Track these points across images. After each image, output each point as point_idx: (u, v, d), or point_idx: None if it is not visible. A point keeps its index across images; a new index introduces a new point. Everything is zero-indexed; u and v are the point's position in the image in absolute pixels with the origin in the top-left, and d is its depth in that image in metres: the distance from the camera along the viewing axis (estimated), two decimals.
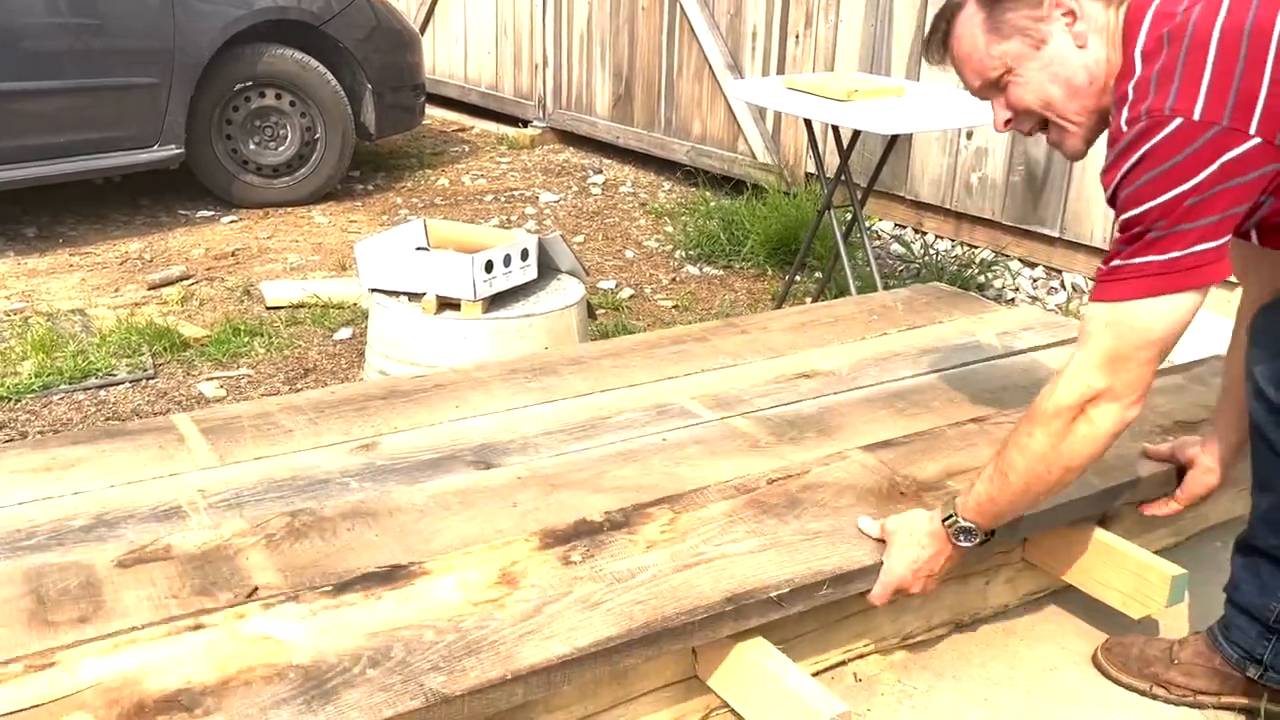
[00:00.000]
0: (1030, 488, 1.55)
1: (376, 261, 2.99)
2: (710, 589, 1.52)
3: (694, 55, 5.18)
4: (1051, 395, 1.50)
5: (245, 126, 4.87)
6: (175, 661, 1.31)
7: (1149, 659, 1.80)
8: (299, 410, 2.08)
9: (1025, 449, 1.53)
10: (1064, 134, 1.55)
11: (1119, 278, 1.42)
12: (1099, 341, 1.45)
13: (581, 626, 1.42)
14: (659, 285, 4.15)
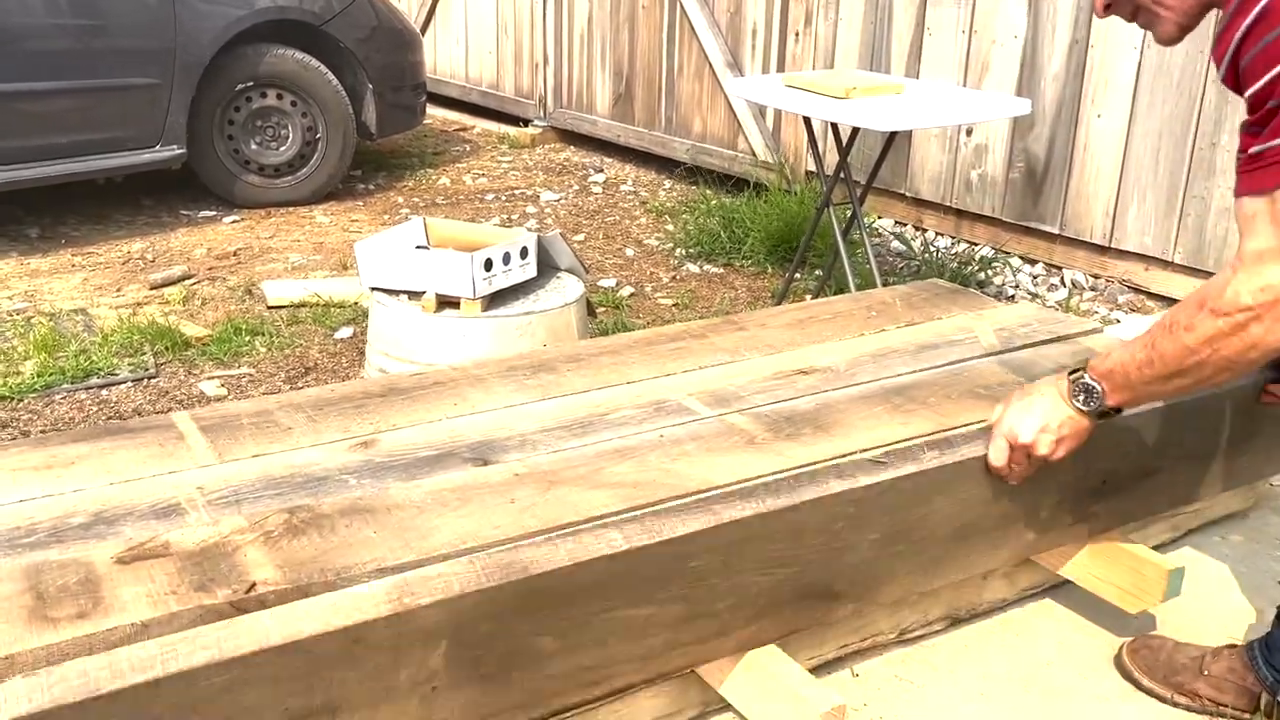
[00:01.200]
0: (1173, 379, 1.45)
1: (376, 260, 3.00)
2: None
3: (694, 53, 5.19)
4: (1222, 292, 1.37)
5: (247, 126, 4.89)
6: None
7: (1177, 667, 1.78)
8: (298, 408, 2.08)
9: (1181, 342, 1.42)
10: (1154, 19, 1.50)
11: (1264, 164, 1.32)
12: (1266, 233, 1.33)
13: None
14: (659, 283, 4.15)
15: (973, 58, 4.03)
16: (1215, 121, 3.38)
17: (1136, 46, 3.54)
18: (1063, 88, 3.79)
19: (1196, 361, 1.41)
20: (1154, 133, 3.54)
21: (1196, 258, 3.50)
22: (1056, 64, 3.80)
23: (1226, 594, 2.04)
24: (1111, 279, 3.84)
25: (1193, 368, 1.42)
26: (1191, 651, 1.80)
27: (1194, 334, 1.40)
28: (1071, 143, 3.80)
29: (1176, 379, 1.45)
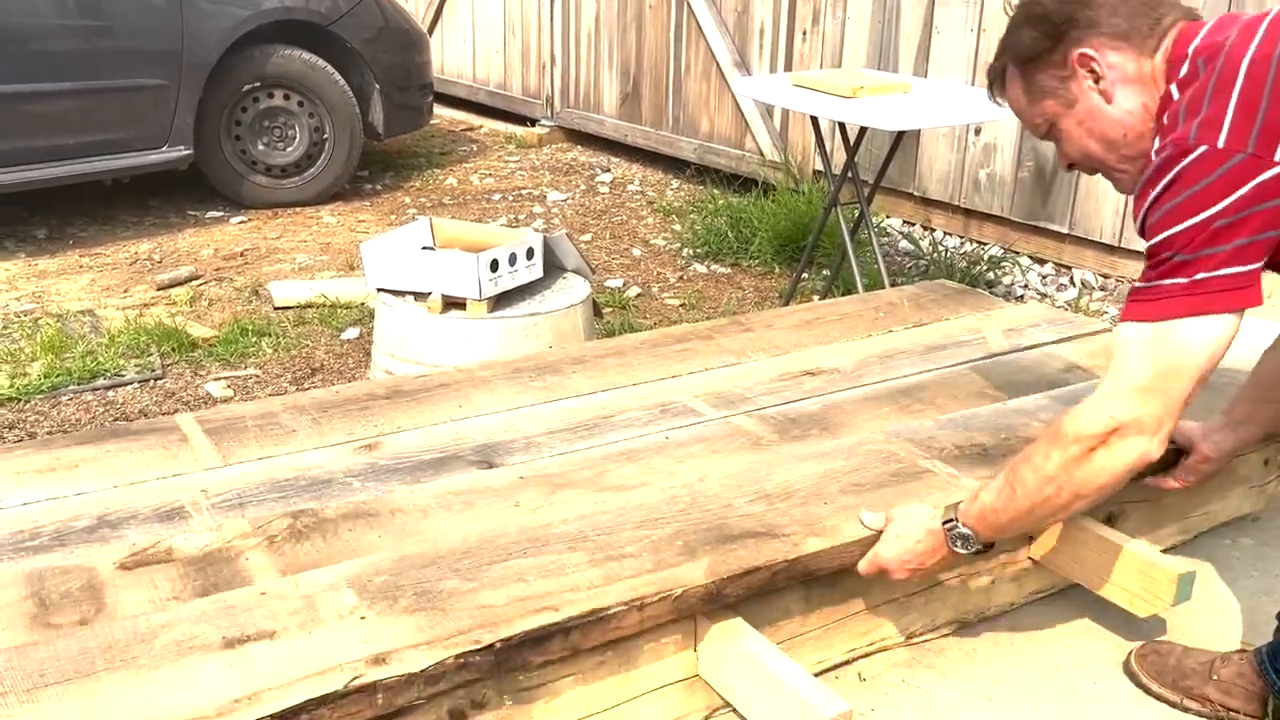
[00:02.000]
0: (1035, 509, 1.53)
1: (382, 261, 3.00)
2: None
3: (701, 53, 5.18)
4: (1075, 419, 1.46)
5: (254, 127, 4.89)
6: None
7: (1186, 671, 1.77)
8: (303, 410, 2.08)
9: (1039, 469, 1.49)
10: (1114, 178, 1.60)
11: (1148, 298, 1.41)
12: (1130, 366, 1.42)
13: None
14: (666, 284, 4.14)
15: (981, 57, 4.01)
16: None
17: None
18: None
19: (1054, 489, 1.48)
20: None
21: None
22: None
23: (1237, 598, 2.02)
24: (1121, 279, 3.82)
25: (1051, 497, 1.49)
26: (1201, 656, 1.78)
27: (1050, 461, 1.47)
28: None
29: (1038, 509, 1.52)
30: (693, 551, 1.58)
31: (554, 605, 1.45)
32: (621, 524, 1.65)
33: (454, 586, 1.48)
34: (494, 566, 1.53)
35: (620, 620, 1.47)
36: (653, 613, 1.49)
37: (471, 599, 1.46)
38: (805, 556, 1.60)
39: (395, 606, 1.44)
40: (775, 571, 1.57)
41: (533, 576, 1.51)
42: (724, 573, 1.53)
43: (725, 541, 1.61)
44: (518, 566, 1.53)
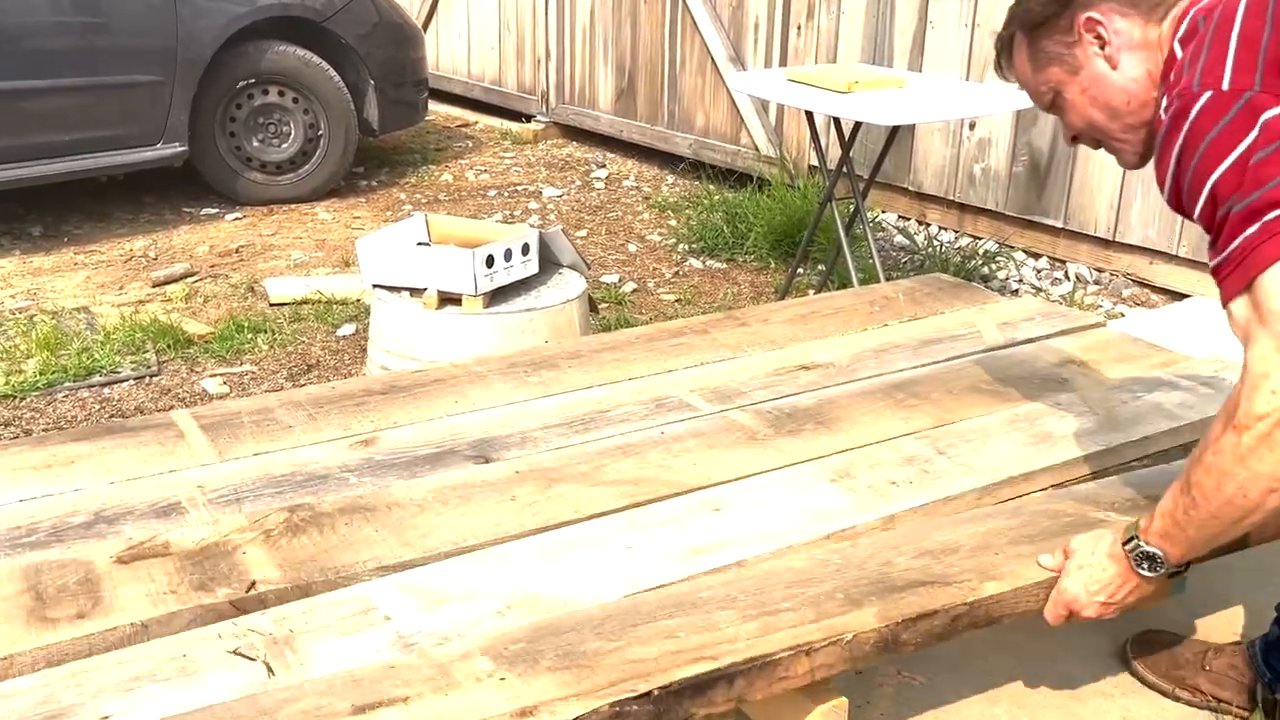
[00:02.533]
0: (1222, 513, 1.34)
1: (378, 257, 3.00)
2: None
3: (696, 48, 5.18)
4: (1239, 406, 1.30)
5: (249, 124, 4.88)
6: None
7: (1180, 662, 1.78)
8: (299, 406, 2.08)
9: (1214, 469, 1.33)
10: (1116, 149, 1.56)
11: (1231, 268, 1.30)
12: (1260, 335, 1.27)
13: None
14: (662, 279, 4.14)
15: (976, 51, 4.01)
16: None
17: None
18: None
19: (1238, 487, 1.31)
20: None
21: (1200, 251, 3.48)
22: None
23: (1231, 590, 2.03)
24: (1116, 272, 3.82)
25: (1235, 496, 1.32)
26: (1195, 647, 1.79)
27: (1223, 457, 1.31)
28: None
29: (1226, 513, 1.34)
30: (857, 603, 1.48)
31: (712, 655, 1.37)
32: (772, 584, 1.54)
33: (599, 647, 1.39)
34: (640, 628, 1.43)
35: (788, 667, 1.38)
36: (823, 660, 1.39)
37: (620, 655, 1.37)
38: (985, 600, 1.50)
39: (537, 667, 1.34)
40: (955, 616, 1.48)
41: (684, 633, 1.41)
42: (897, 618, 1.44)
43: (892, 592, 1.51)
44: (667, 626, 1.43)
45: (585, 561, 1.61)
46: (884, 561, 1.60)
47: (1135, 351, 2.50)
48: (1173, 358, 2.47)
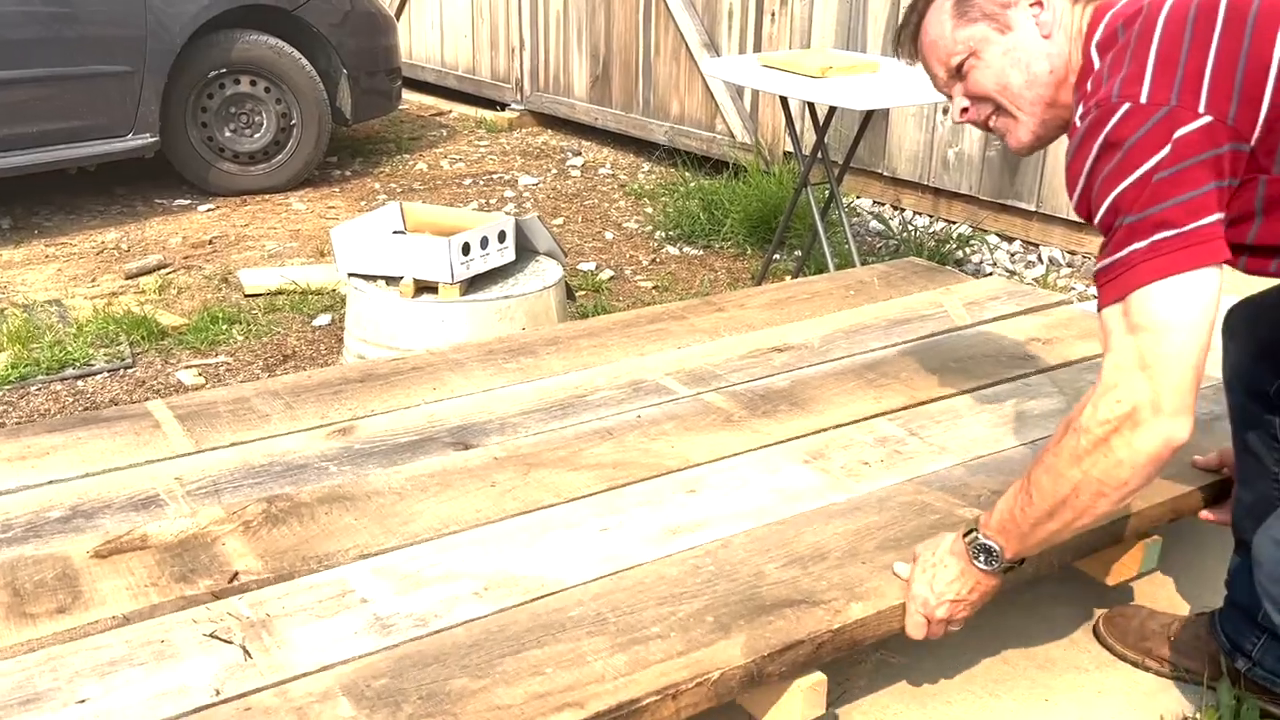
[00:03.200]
0: (1056, 512, 1.38)
1: (353, 246, 2.99)
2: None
3: (671, 35, 5.17)
4: (1084, 410, 1.34)
5: (220, 114, 4.84)
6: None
7: (1147, 633, 1.81)
8: (275, 395, 2.08)
9: (1053, 469, 1.37)
10: (1012, 123, 1.53)
11: (1113, 276, 1.32)
12: (1120, 347, 1.30)
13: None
14: (639, 266, 4.15)
15: None
16: None
17: None
18: None
19: (1072, 488, 1.35)
20: None
21: None
22: None
23: (1203, 564, 2.06)
24: (1088, 255, 3.86)
25: (1069, 497, 1.36)
26: (1162, 619, 1.83)
27: (1061, 458, 1.35)
28: None
29: (1060, 513, 1.38)
30: (725, 629, 1.43)
31: (578, 701, 1.29)
32: (644, 601, 1.49)
33: (464, 686, 1.31)
34: (507, 660, 1.36)
35: (654, 712, 1.31)
36: (689, 701, 1.34)
37: (485, 698, 1.29)
38: (850, 625, 1.47)
39: (399, 714, 1.26)
40: (819, 644, 1.44)
41: (551, 668, 1.35)
42: (764, 649, 1.39)
43: (760, 614, 1.46)
44: (534, 659, 1.36)
45: (562, 543, 1.62)
46: (755, 571, 1.55)
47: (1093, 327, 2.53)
48: None
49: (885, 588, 1.53)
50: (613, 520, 1.69)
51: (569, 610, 1.47)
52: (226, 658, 1.34)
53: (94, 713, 1.25)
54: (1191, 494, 1.83)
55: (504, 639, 1.40)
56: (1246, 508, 1.69)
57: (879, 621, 1.49)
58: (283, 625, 1.41)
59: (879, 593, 1.51)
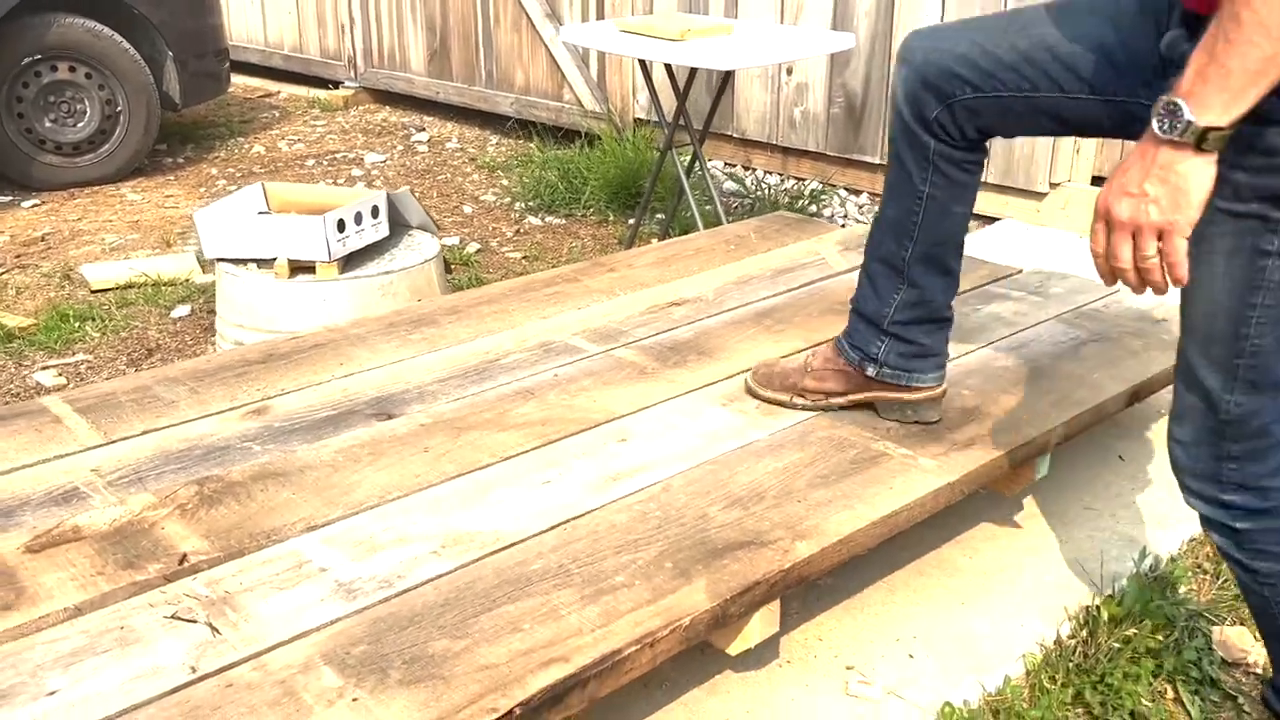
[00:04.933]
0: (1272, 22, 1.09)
1: (219, 229, 2.89)
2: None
3: (510, 5, 5.15)
4: None
5: (38, 103, 4.55)
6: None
7: (788, 373, 1.98)
8: (176, 381, 2.01)
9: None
10: None
11: None
12: None
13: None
14: (504, 238, 4.15)
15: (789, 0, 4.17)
16: None
17: None
18: (874, 24, 3.99)
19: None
20: None
21: (1007, 177, 3.78)
22: (868, 2, 3.98)
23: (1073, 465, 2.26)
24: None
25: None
26: (797, 360, 2.00)
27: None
28: (886, 76, 4.01)
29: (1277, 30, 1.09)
30: (685, 574, 1.48)
31: (562, 655, 1.31)
32: (601, 551, 1.52)
33: (446, 647, 1.32)
34: (482, 618, 1.37)
35: (634, 660, 1.35)
36: (664, 648, 1.38)
37: (470, 659, 1.30)
38: (799, 564, 1.52)
39: (388, 680, 1.26)
40: (773, 584, 1.50)
41: (529, 623, 1.37)
42: (726, 593, 1.44)
43: (715, 558, 1.51)
44: (509, 615, 1.38)
45: (508, 499, 1.65)
46: (699, 514, 1.62)
47: (967, 267, 2.71)
48: (999, 270, 2.69)
49: (824, 525, 1.61)
50: (552, 473, 1.73)
51: (531, 564, 1.50)
52: (194, 636, 1.32)
53: (66, 703, 1.21)
54: (1080, 416, 1.98)
55: (474, 596, 1.42)
56: (889, 222, 1.80)
57: (823, 558, 1.56)
58: (245, 600, 1.39)
59: (820, 530, 1.59)
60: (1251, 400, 1.35)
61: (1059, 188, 3.72)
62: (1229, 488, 1.41)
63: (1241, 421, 1.37)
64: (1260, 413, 1.36)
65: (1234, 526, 1.42)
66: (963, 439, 1.86)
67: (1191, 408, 1.41)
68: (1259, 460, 1.38)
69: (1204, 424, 1.40)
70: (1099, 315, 2.40)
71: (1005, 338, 2.29)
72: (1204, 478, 1.42)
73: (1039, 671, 1.71)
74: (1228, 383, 1.36)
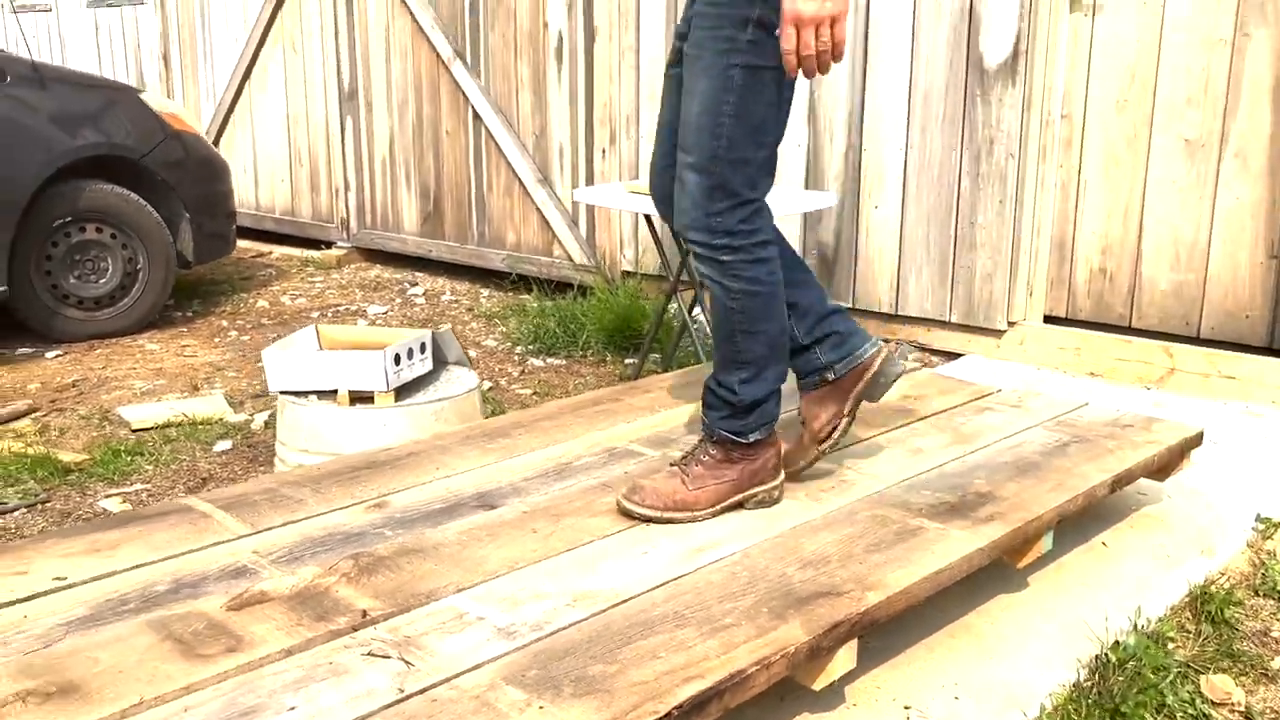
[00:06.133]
0: None
1: (284, 365, 3.19)
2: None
3: (503, 172, 5.64)
4: None
5: (65, 261, 4.86)
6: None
7: (793, 453, 2.38)
8: (298, 484, 2.29)
9: None
10: None
11: None
12: None
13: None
14: (511, 377, 4.49)
15: None
16: (972, 205, 4.16)
17: (901, 149, 4.31)
18: (843, 185, 4.51)
19: None
20: (923, 218, 4.29)
21: (969, 317, 4.25)
22: (836, 166, 4.52)
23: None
24: (900, 340, 4.53)
25: None
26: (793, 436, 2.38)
27: None
28: (855, 231, 4.51)
29: None
30: (781, 616, 1.77)
31: (699, 674, 1.59)
32: (706, 601, 1.82)
33: (602, 670, 1.60)
34: (624, 650, 1.66)
35: (755, 679, 1.63)
36: (776, 670, 1.67)
37: (624, 678, 1.57)
38: (872, 609, 1.83)
39: (563, 694, 1.53)
40: (853, 624, 1.79)
41: (664, 653, 1.65)
42: (818, 629, 1.74)
43: (803, 604, 1.81)
44: (645, 647, 1.67)
45: (616, 567, 1.95)
46: (780, 574, 1.92)
47: (951, 387, 3.12)
48: (982, 390, 3.10)
49: (886, 579, 1.94)
50: (646, 547, 2.03)
51: (650, 612, 1.79)
52: (392, 668, 1.58)
53: (306, 715, 1.46)
54: (1075, 499, 2.35)
55: (611, 634, 1.71)
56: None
57: (889, 605, 1.89)
58: (425, 641, 1.66)
59: (883, 584, 1.92)
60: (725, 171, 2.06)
61: (1015, 326, 4.20)
62: (718, 234, 2.10)
63: (721, 187, 2.07)
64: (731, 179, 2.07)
65: (719, 260, 2.12)
66: (983, 516, 2.21)
67: (691, 183, 2.09)
68: (732, 215, 2.09)
69: (698, 192, 2.08)
70: (1074, 423, 2.80)
71: (1000, 440, 2.67)
72: (699, 229, 2.11)
73: (1065, 705, 2.02)
74: (713, 159, 2.06)
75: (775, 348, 2.23)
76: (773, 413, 2.26)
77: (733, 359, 2.21)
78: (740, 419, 2.21)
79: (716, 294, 2.18)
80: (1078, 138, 4.05)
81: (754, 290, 2.15)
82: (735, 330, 2.18)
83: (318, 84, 6.51)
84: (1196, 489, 2.97)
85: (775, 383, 2.25)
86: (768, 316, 2.19)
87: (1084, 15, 3.95)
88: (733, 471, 2.19)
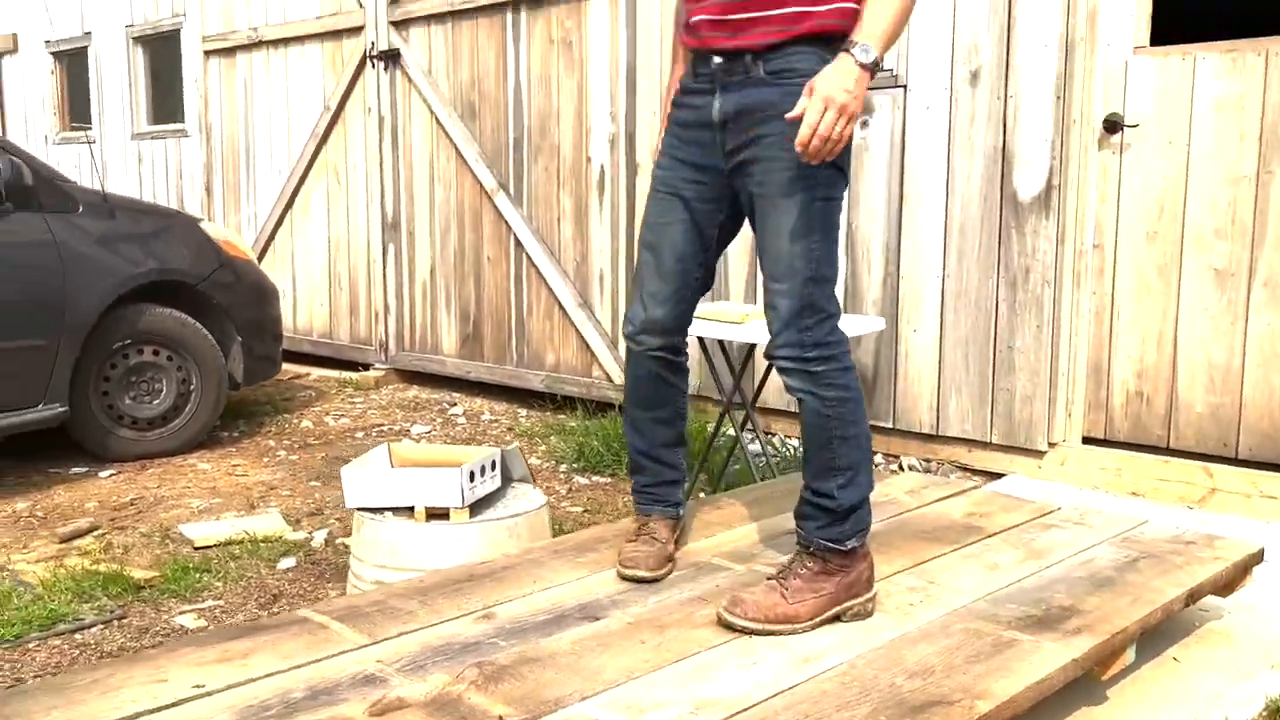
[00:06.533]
0: (908, 10, 2.16)
1: (361, 481, 3.29)
2: None
3: (544, 296, 5.83)
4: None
5: (122, 382, 4.99)
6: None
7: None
8: (404, 596, 2.37)
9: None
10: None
11: None
12: None
13: None
14: (560, 495, 4.57)
15: None
16: (1010, 330, 4.32)
17: (939, 276, 4.49)
18: (881, 309, 4.69)
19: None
20: (962, 341, 4.45)
21: (1010, 437, 4.37)
22: (875, 292, 4.70)
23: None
24: (941, 461, 4.64)
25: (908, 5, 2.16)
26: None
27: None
28: (895, 354, 4.66)
29: (906, 12, 2.17)
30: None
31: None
32: (825, 709, 1.90)
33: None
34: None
35: None
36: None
37: None
38: (983, 716, 1.91)
39: None
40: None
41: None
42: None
43: (918, 713, 1.89)
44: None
45: (729, 676, 2.02)
46: (889, 684, 1.99)
47: (1012, 504, 3.22)
48: (1043, 507, 3.19)
49: (992, 689, 2.01)
50: (754, 657, 2.11)
51: (772, 719, 1.86)
52: None
53: None
54: (1154, 612, 2.43)
55: None
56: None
57: (999, 712, 1.96)
58: None
59: (990, 693, 1.99)
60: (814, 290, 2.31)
61: (1056, 446, 4.31)
62: (809, 348, 2.32)
63: (811, 306, 2.31)
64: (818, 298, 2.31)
65: (812, 371, 2.32)
66: (1071, 628, 2.29)
67: (784, 307, 2.34)
68: (821, 328, 2.32)
69: (789, 314, 2.33)
70: (1138, 539, 2.90)
71: (1072, 555, 2.76)
72: (793, 345, 2.34)
73: None
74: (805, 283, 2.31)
75: (866, 451, 2.37)
76: (867, 520, 2.36)
77: (829, 466, 2.33)
78: (838, 526, 2.30)
79: (810, 405, 2.35)
80: (1110, 267, 4.24)
81: (845, 396, 2.33)
82: (831, 437, 2.32)
83: (360, 212, 6.76)
84: (1254, 604, 3.04)
85: (868, 488, 2.36)
86: (858, 420, 2.36)
87: (1112, 153, 4.18)
88: (830, 584, 2.28)
